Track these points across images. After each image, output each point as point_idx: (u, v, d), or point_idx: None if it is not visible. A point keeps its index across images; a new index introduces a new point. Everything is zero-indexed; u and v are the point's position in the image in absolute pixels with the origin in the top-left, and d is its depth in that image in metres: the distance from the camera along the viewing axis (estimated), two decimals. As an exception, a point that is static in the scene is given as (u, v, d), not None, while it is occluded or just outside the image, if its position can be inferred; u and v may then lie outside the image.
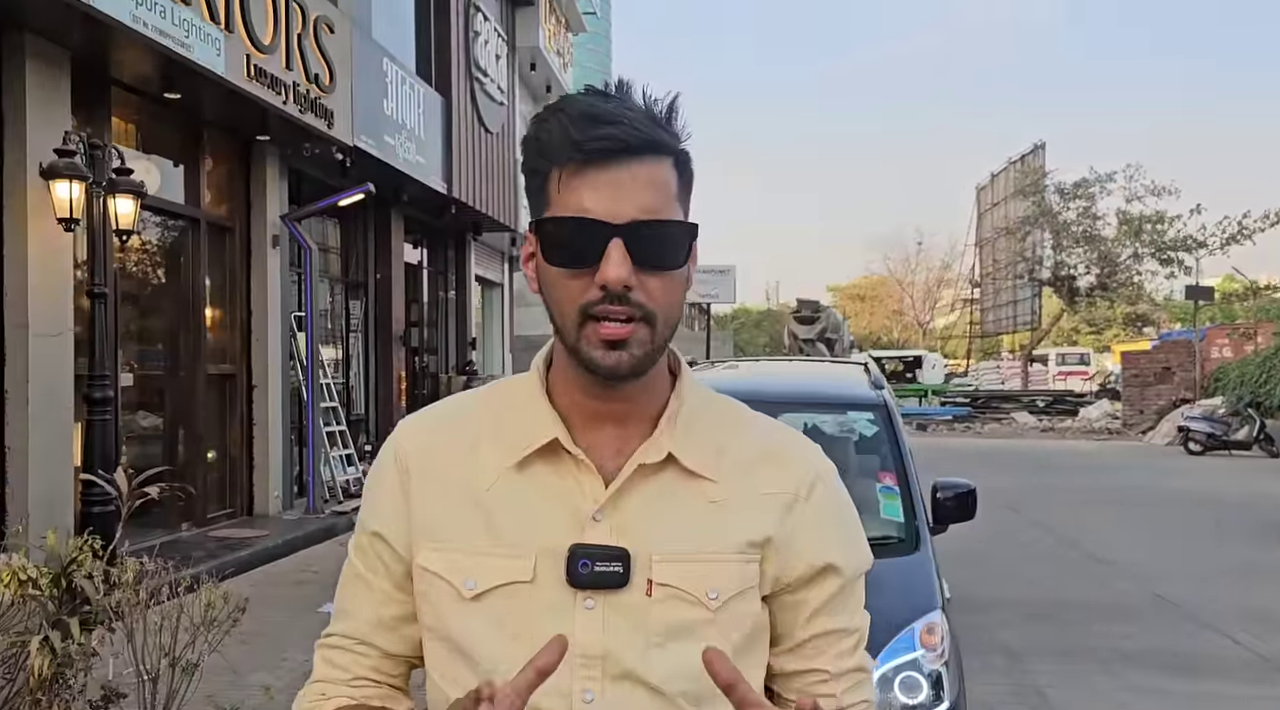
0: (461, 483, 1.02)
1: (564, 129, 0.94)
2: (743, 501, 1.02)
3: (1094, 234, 31.77)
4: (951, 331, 53.57)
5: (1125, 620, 6.62)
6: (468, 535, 1.00)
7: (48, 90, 6.29)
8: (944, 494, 3.94)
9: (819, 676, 1.07)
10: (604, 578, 0.97)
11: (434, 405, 1.12)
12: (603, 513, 0.98)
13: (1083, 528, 10.28)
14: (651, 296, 0.95)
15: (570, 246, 0.94)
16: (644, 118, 0.95)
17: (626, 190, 0.94)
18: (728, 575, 1.00)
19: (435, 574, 1.01)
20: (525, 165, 1.00)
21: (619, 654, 0.97)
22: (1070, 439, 23.43)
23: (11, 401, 6.12)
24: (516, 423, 1.02)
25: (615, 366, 0.95)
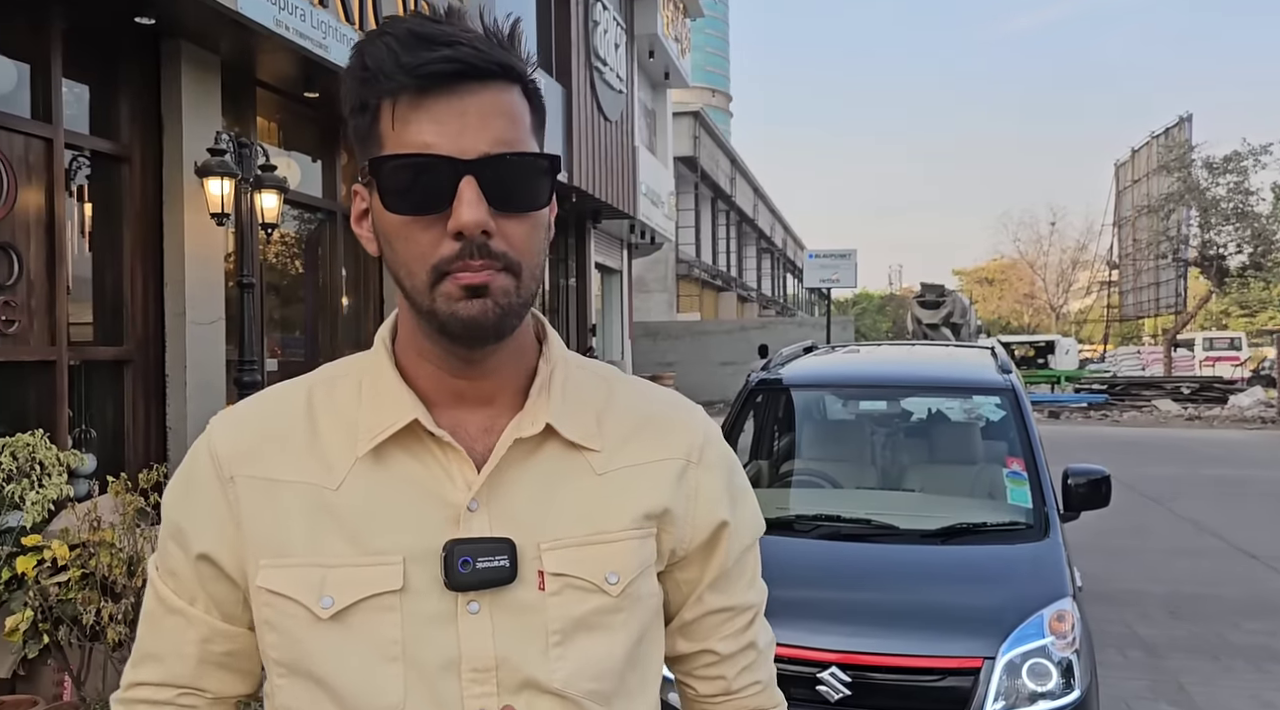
0: (303, 484, 0.86)
1: (393, 53, 0.79)
2: (632, 471, 0.91)
3: (1246, 210, 29.78)
4: (1087, 315, 51.22)
5: (1275, 617, 6.26)
6: (317, 544, 0.84)
7: (201, 93, 6.72)
8: (1075, 480, 3.82)
9: (709, 659, 1.00)
10: (489, 575, 0.83)
11: (253, 397, 0.95)
12: (478, 501, 0.85)
13: (1231, 521, 9.72)
14: (513, 243, 0.82)
15: (413, 190, 0.80)
16: (484, 39, 0.82)
17: (473, 120, 0.80)
18: (625, 555, 0.89)
19: (281, 595, 0.84)
20: (349, 101, 0.84)
21: (515, 661, 0.84)
22: (1219, 428, 22.10)
23: (172, 384, 6.59)
24: (363, 407, 0.88)
25: (479, 316, 0.81)
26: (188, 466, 0.91)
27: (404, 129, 0.80)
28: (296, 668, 0.85)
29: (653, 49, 17.97)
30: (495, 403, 0.90)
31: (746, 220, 39.18)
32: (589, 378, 0.96)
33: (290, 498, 0.86)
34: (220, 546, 0.88)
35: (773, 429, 5.20)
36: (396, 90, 0.80)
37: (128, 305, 6.45)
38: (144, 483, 3.43)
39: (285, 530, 0.85)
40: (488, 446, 0.88)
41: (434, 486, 0.86)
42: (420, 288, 0.82)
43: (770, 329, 25.27)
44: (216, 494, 0.88)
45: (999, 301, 61.82)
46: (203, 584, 0.89)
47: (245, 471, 0.87)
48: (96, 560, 3.17)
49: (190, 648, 0.91)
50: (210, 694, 0.92)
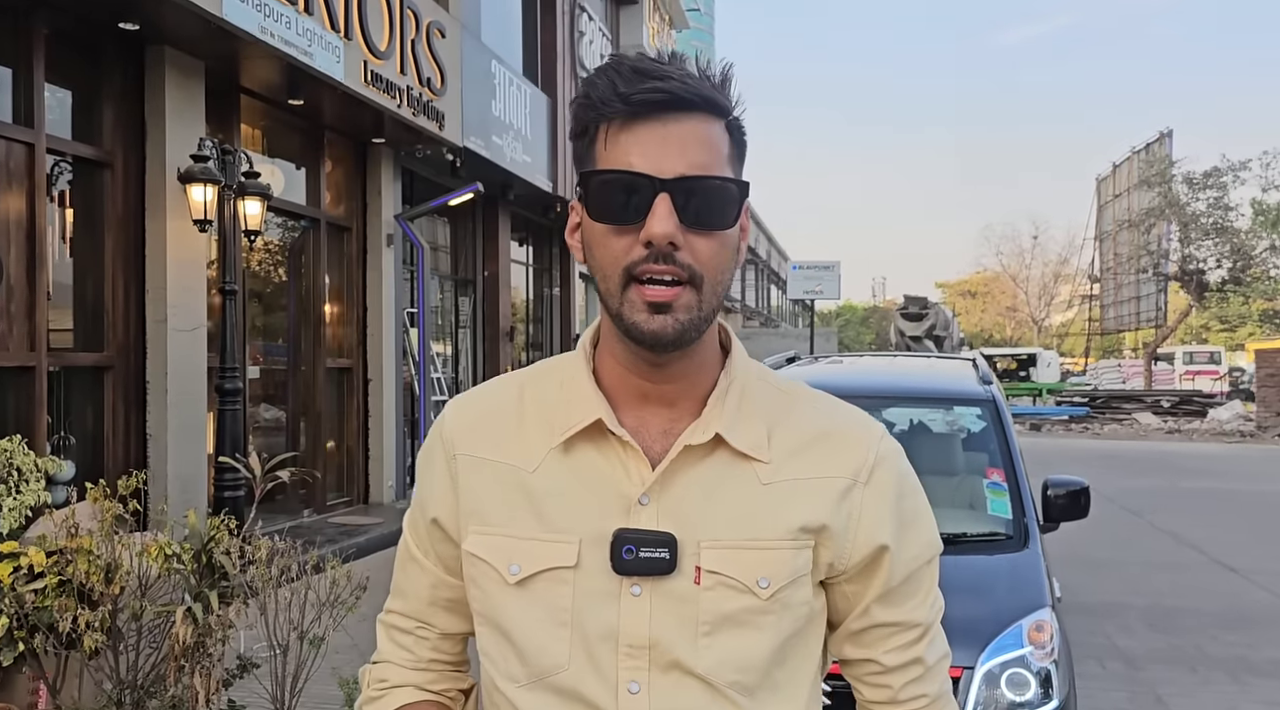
0: (507, 466, 0.99)
1: (611, 83, 0.90)
2: (796, 484, 0.97)
3: (1226, 225, 30.11)
4: (1069, 329, 51.59)
5: (1253, 629, 6.30)
6: (514, 519, 0.97)
7: (185, 100, 6.70)
8: (1055, 491, 3.84)
9: (874, 668, 1.04)
10: (650, 564, 0.92)
11: (479, 386, 1.09)
12: (649, 496, 0.94)
13: (1210, 534, 9.80)
14: (698, 257, 0.90)
15: (615, 201, 0.90)
16: (695, 77, 0.91)
17: (674, 145, 0.89)
18: (778, 563, 0.95)
19: (481, 559, 0.98)
20: (573, 127, 0.95)
21: (666, 644, 0.93)
22: (1198, 441, 22.29)
23: (153, 391, 6.55)
24: (561, 403, 0.99)
25: (660, 331, 0.90)
26: (429, 441, 1.07)
27: (613, 149, 0.91)
28: (489, 619, 1.00)
29: (639, 60, 18.02)
30: (677, 406, 0.98)
31: (731, 231, 39.21)
32: (769, 390, 1.02)
33: (494, 476, 0.99)
34: (444, 510, 1.03)
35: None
36: (611, 115, 0.91)
37: (109, 311, 6.41)
38: (123, 489, 3.40)
39: (489, 504, 0.99)
40: (664, 447, 0.96)
41: (612, 479, 0.96)
42: (613, 291, 0.92)
43: (754, 340, 25.31)
44: (443, 467, 1.03)
45: (981, 314, 62.19)
46: (432, 541, 1.05)
47: (464, 450, 1.02)
48: (74, 567, 3.14)
49: (423, 591, 1.08)
50: (438, 630, 1.09)
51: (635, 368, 0.96)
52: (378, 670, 1.11)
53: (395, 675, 1.09)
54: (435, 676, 1.10)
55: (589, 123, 0.93)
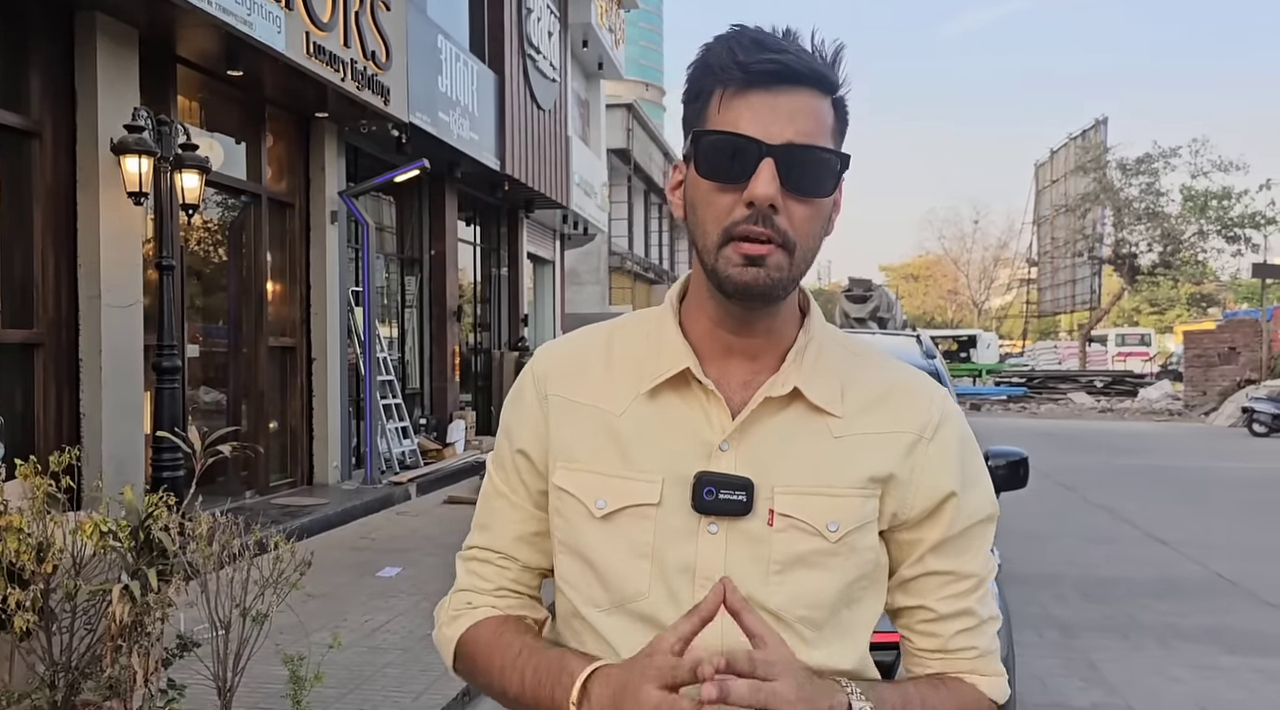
0: (595, 408, 1.05)
1: (730, 51, 0.95)
2: (866, 438, 1.03)
3: (1157, 211, 31.00)
4: (1008, 311, 52.71)
5: (1182, 598, 6.53)
6: (600, 458, 1.03)
7: (117, 68, 6.48)
8: (995, 462, 3.92)
9: (925, 615, 1.07)
10: (728, 505, 0.98)
11: (571, 334, 1.16)
12: (729, 443, 1.00)
13: (1141, 507, 10.12)
14: (794, 223, 0.95)
15: (723, 161, 0.95)
16: (808, 53, 0.96)
17: (784, 114, 0.94)
18: (847, 509, 1.01)
19: (569, 493, 1.04)
20: (688, 89, 1.01)
21: (740, 578, 0.97)
22: (1129, 420, 22.97)
23: (86, 369, 6.35)
24: (649, 352, 1.05)
25: (752, 283, 0.95)
26: (519, 382, 1.13)
27: (726, 112, 0.96)
28: (573, 549, 1.06)
29: (586, 39, 17.89)
30: (758, 360, 1.04)
31: (679, 213, 39.26)
32: (842, 350, 1.08)
33: (584, 417, 1.06)
34: (534, 445, 1.08)
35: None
36: (727, 82, 0.96)
37: (38, 286, 6.19)
38: (55, 466, 3.30)
39: (579, 442, 1.05)
40: (744, 398, 1.02)
41: (695, 425, 1.02)
42: (710, 247, 0.97)
43: (702, 321, 25.33)
44: (534, 405, 1.09)
45: (924, 297, 63.20)
46: (520, 475, 1.10)
47: (556, 390, 1.08)
48: (3, 546, 3.04)
49: (510, 525, 1.12)
50: (521, 562, 1.13)
51: (722, 321, 1.02)
52: (458, 597, 1.15)
53: (477, 600, 1.14)
54: (514, 602, 1.14)
55: (704, 87, 0.98)
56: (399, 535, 7.76)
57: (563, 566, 1.08)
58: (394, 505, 9.10)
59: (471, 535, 1.17)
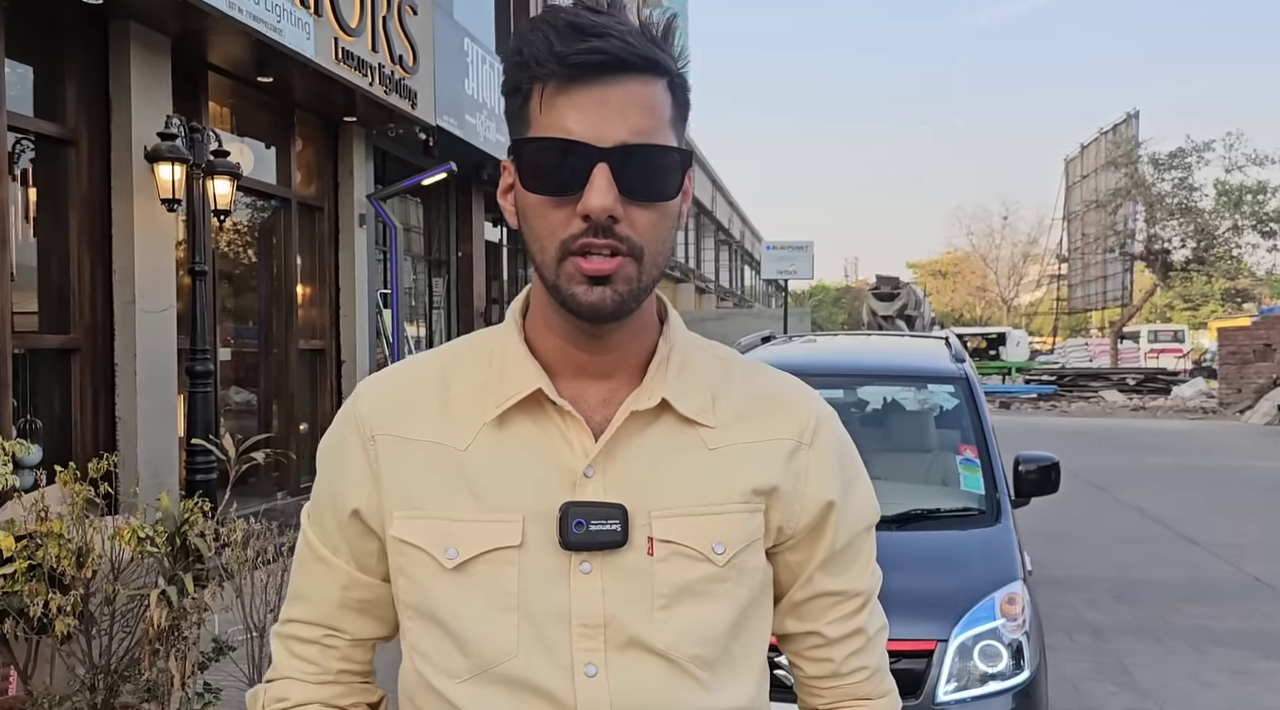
0: (435, 444, 0.92)
1: (548, 42, 0.84)
2: (743, 448, 0.94)
3: (1190, 206, 30.51)
4: (1037, 308, 52.16)
5: (1216, 601, 6.45)
6: (447, 500, 0.90)
7: (151, 76, 6.57)
8: (1026, 467, 3.90)
9: (817, 640, 1.02)
10: (600, 537, 0.88)
11: (397, 365, 1.02)
12: (594, 468, 0.90)
13: (1174, 508, 9.99)
14: (638, 229, 0.86)
15: (551, 172, 0.85)
16: (636, 32, 0.86)
17: (614, 110, 0.84)
18: (733, 527, 0.92)
19: (412, 545, 0.91)
20: (505, 83, 0.89)
21: (622, 620, 0.88)
22: (1162, 418, 22.67)
23: (121, 374, 6.46)
24: (494, 375, 0.93)
25: (598, 304, 0.86)
26: (338, 427, 0.98)
27: (549, 113, 0.85)
28: (423, 611, 0.92)
29: (611, 39, 17.92)
30: (615, 377, 0.94)
31: (705, 212, 39.26)
32: (707, 358, 0.99)
33: (422, 456, 0.92)
34: (361, 497, 0.94)
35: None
36: (546, 77, 0.85)
37: (75, 293, 6.30)
38: (94, 472, 3.36)
39: (417, 486, 0.92)
40: (605, 417, 0.92)
41: (553, 452, 0.91)
42: (548, 263, 0.87)
43: (728, 320, 25.36)
44: (358, 450, 0.95)
45: (952, 294, 62.73)
46: (345, 535, 0.96)
47: (385, 429, 0.94)
48: (44, 551, 3.10)
49: (332, 592, 0.98)
50: (348, 636, 0.99)
51: (572, 338, 0.92)
52: (275, 689, 0.99)
53: (298, 692, 0.98)
54: (344, 690, 1.00)
55: (521, 82, 0.87)
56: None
57: (413, 635, 0.93)
58: (423, 506, 9.16)
59: (287, 606, 1.02)
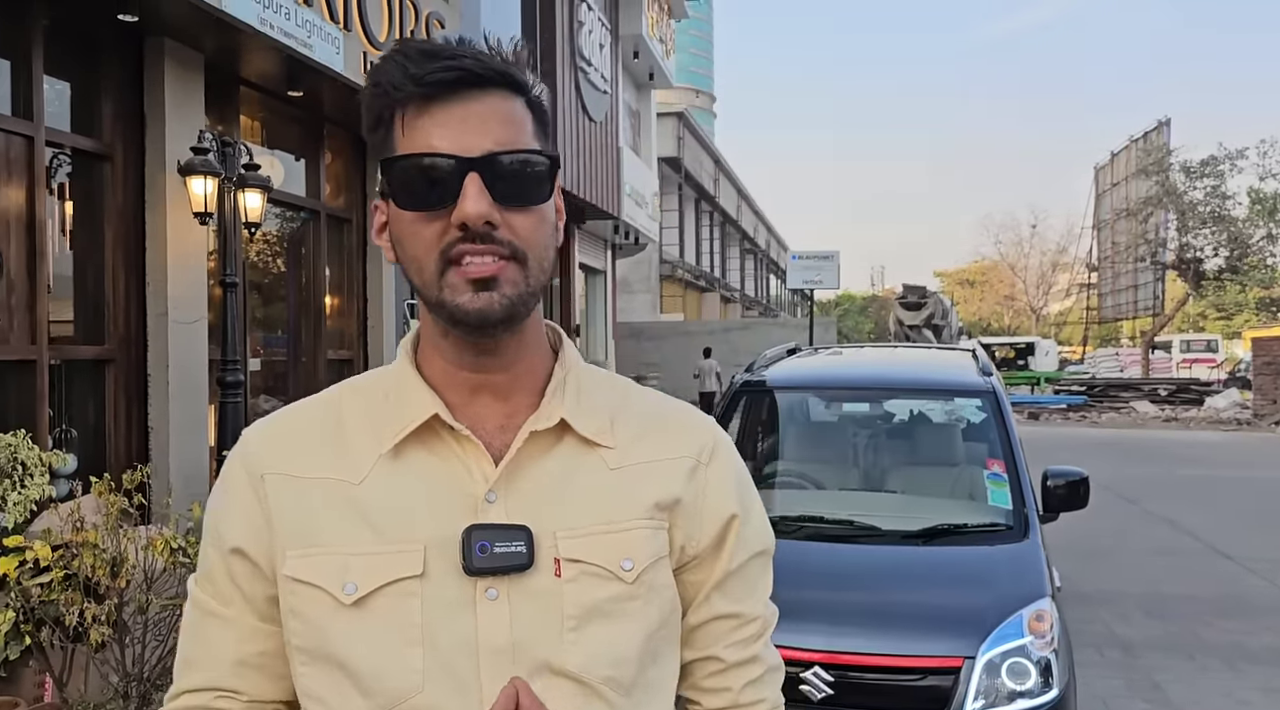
0: (329, 480, 0.89)
1: (402, 67, 0.85)
2: (644, 466, 0.94)
3: (1223, 214, 30.12)
4: (1067, 317, 51.63)
5: (1250, 616, 6.35)
6: (343, 535, 0.87)
7: (184, 91, 6.68)
8: (1054, 482, 3.87)
9: (714, 666, 1.00)
10: (506, 560, 0.85)
11: (282, 409, 0.99)
12: (495, 492, 0.88)
13: (1208, 522, 9.84)
14: (519, 233, 0.86)
15: (421, 186, 0.84)
16: (485, 53, 0.88)
17: (475, 123, 0.85)
18: (639, 543, 0.91)
19: (306, 583, 0.87)
20: (367, 118, 0.89)
21: (531, 645, 0.86)
22: (1195, 429, 22.34)
23: (154, 384, 6.56)
24: (389, 408, 0.91)
25: (486, 309, 0.84)
26: (225, 471, 0.96)
27: (413, 134, 0.86)
28: (319, 653, 0.87)
29: (637, 50, 17.99)
30: (511, 400, 0.93)
31: (730, 221, 39.25)
32: (603, 382, 1.00)
33: (316, 493, 0.90)
34: (251, 541, 0.91)
35: (757, 431, 5.23)
36: (405, 100, 0.86)
37: (109, 304, 6.40)
38: (128, 483, 3.42)
39: (311, 523, 0.89)
40: (504, 442, 0.91)
41: (453, 479, 0.89)
42: (430, 281, 0.86)
43: (753, 330, 25.32)
44: (248, 492, 0.92)
45: (980, 303, 62.22)
46: (236, 582, 0.92)
47: (274, 468, 0.91)
48: (79, 561, 3.16)
49: (227, 649, 0.92)
50: (245, 696, 0.93)
51: (464, 360, 0.91)
52: None
53: None
54: None
55: (383, 110, 0.87)
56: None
57: (310, 681, 0.88)
58: (449, 515, 9.20)
59: (177, 678, 0.95)
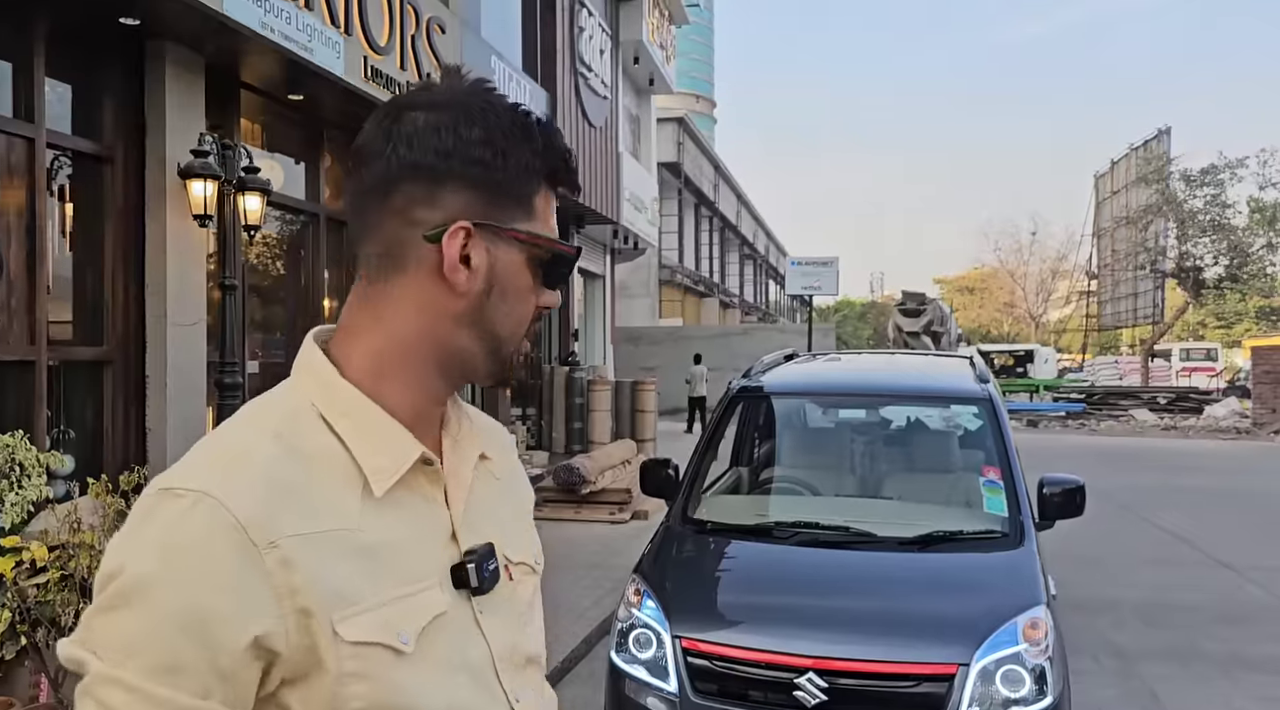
0: (334, 532, 0.84)
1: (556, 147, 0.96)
2: (512, 471, 1.09)
3: (1223, 223, 30.16)
4: (1066, 325, 51.63)
5: (1246, 625, 6.34)
6: (373, 586, 0.85)
7: (185, 94, 6.70)
8: (1051, 490, 3.87)
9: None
10: (495, 577, 0.94)
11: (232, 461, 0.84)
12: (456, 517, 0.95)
13: (1205, 530, 9.84)
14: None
15: (563, 273, 0.97)
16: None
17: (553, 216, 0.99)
18: (535, 537, 1.09)
19: (372, 643, 0.83)
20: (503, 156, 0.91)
21: (515, 643, 0.97)
22: (1194, 438, 22.34)
23: (152, 386, 6.56)
24: (353, 442, 0.88)
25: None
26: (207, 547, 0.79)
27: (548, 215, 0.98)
28: (388, 707, 0.84)
29: (638, 55, 18.02)
30: (435, 426, 0.98)
31: (729, 226, 39.28)
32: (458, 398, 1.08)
33: (333, 547, 0.83)
34: (268, 623, 0.79)
35: (753, 436, 5.23)
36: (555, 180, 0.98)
37: (108, 306, 6.41)
38: (125, 485, 3.42)
39: (342, 580, 0.83)
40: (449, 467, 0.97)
41: (429, 510, 0.93)
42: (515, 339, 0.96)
43: (752, 335, 25.34)
44: (249, 569, 0.79)
45: (979, 310, 62.24)
46: (228, 673, 0.78)
47: (281, 532, 0.81)
48: (76, 562, 3.16)
49: None
50: None
51: (441, 397, 0.96)
52: None
53: None
54: None
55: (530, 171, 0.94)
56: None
57: None
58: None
59: None
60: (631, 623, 3.38)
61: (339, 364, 0.93)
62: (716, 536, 3.88)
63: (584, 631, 5.61)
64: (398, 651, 0.85)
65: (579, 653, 5.39)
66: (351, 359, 0.93)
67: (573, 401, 14.20)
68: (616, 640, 3.42)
